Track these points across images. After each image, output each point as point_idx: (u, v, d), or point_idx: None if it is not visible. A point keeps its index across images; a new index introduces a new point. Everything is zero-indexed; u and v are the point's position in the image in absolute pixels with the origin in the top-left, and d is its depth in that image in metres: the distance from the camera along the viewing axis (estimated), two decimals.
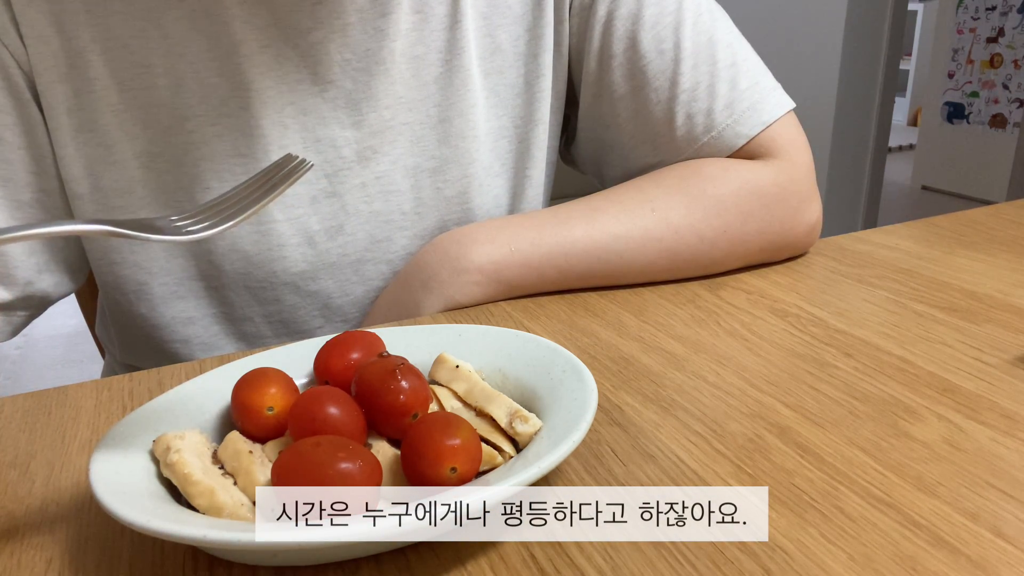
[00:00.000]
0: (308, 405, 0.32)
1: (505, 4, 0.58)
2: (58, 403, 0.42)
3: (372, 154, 0.56)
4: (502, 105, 0.59)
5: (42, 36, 0.49)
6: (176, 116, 0.51)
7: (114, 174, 0.52)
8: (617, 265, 0.54)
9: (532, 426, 0.33)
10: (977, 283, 0.53)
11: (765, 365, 0.43)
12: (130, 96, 0.51)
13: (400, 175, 0.57)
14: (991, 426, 0.36)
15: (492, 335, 0.40)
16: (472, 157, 0.58)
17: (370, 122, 0.55)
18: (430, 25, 0.55)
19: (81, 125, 0.51)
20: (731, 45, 0.58)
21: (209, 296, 0.57)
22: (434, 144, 0.57)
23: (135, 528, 0.26)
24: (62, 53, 0.49)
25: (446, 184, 0.58)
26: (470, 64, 0.57)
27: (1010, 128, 3.52)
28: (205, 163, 0.52)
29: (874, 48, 2.53)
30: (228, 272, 0.56)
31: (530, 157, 0.62)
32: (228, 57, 0.51)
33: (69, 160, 0.52)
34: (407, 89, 0.56)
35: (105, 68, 0.50)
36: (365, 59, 0.54)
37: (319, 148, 0.54)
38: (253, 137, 0.53)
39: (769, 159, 0.57)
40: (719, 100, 0.57)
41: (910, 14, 4.74)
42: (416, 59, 0.55)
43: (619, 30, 0.57)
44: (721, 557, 0.29)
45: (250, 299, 0.57)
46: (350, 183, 0.56)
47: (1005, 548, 0.28)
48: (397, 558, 0.30)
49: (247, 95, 0.52)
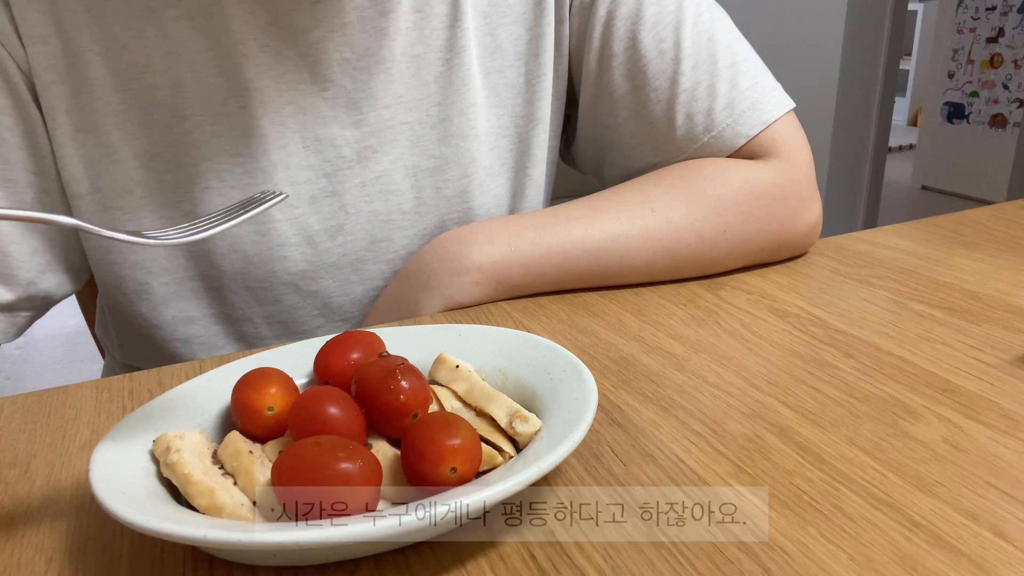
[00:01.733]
0: (308, 405, 0.32)
1: (506, 3, 0.58)
2: (58, 403, 0.42)
3: (372, 153, 0.56)
4: (502, 104, 0.59)
5: (41, 36, 0.49)
6: (175, 116, 0.51)
7: (114, 174, 0.52)
8: (617, 265, 0.54)
9: (532, 426, 0.33)
10: (977, 283, 0.53)
11: (765, 365, 0.43)
12: (129, 96, 0.51)
13: (400, 174, 0.57)
14: (991, 426, 0.36)
15: (492, 335, 0.40)
16: (472, 156, 0.58)
17: (370, 121, 0.55)
18: (430, 24, 0.55)
19: (80, 125, 0.51)
20: (731, 45, 0.58)
21: (209, 296, 0.57)
22: (434, 143, 0.57)
23: (135, 528, 0.26)
24: (61, 53, 0.49)
25: (446, 183, 0.58)
26: (470, 63, 0.57)
27: (1010, 128, 3.52)
28: (205, 163, 0.52)
29: (874, 48, 2.53)
30: (228, 272, 0.56)
31: (530, 156, 0.61)
32: (227, 56, 0.51)
33: (69, 160, 0.52)
34: (407, 88, 0.56)
35: (104, 68, 0.50)
36: (365, 58, 0.54)
37: (319, 147, 0.54)
38: (252, 137, 0.53)
39: (769, 159, 0.57)
40: (719, 100, 0.57)
41: (910, 14, 4.74)
42: (416, 58, 0.55)
43: (619, 30, 0.57)
44: (721, 557, 0.29)
45: (250, 299, 0.57)
46: (350, 182, 0.56)
47: (1005, 548, 0.28)
48: (397, 558, 0.30)
49: (246, 94, 0.52)
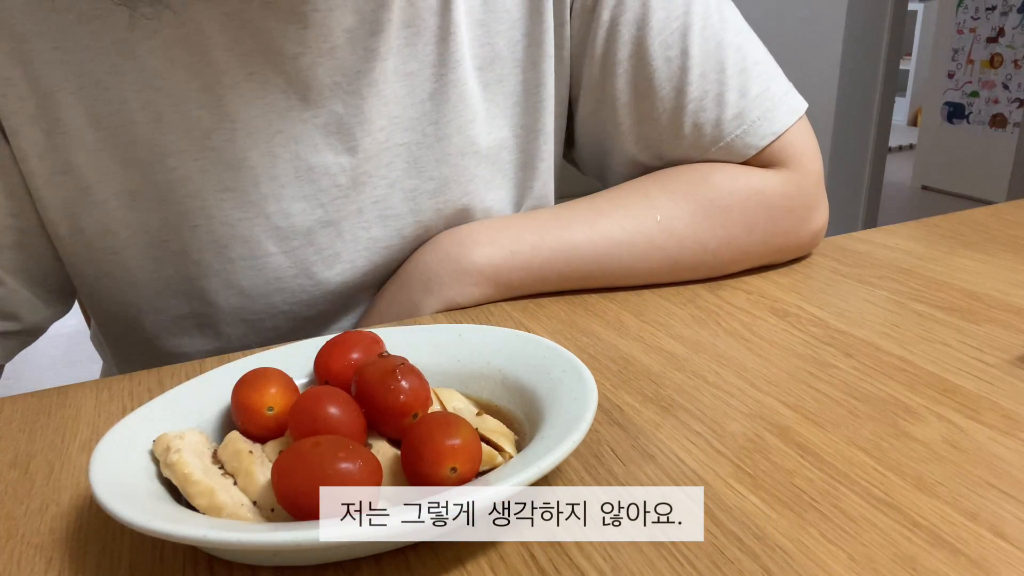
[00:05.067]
0: (308, 405, 0.32)
1: (503, 8, 0.55)
2: (58, 403, 0.42)
3: (368, 179, 0.53)
4: (502, 116, 0.57)
5: (7, 79, 0.46)
6: (156, 152, 0.49)
7: (94, 215, 0.50)
8: (618, 271, 0.53)
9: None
10: (977, 283, 0.53)
11: (765, 365, 0.43)
12: (106, 134, 0.48)
13: (398, 198, 0.54)
14: (991, 426, 0.36)
15: (492, 335, 0.40)
16: (472, 174, 0.56)
17: (364, 146, 0.52)
18: (423, 39, 0.52)
19: (55, 168, 0.49)
20: (741, 48, 0.55)
21: (203, 332, 0.55)
22: (432, 164, 0.55)
23: (135, 528, 0.26)
24: (29, 95, 0.47)
25: (446, 204, 0.56)
26: (467, 77, 0.54)
27: (1010, 128, 3.52)
28: (191, 200, 0.50)
29: (874, 48, 2.53)
30: (224, 308, 0.54)
31: (533, 168, 0.60)
32: (210, 88, 0.48)
33: (46, 203, 0.49)
34: (401, 108, 0.53)
35: (78, 106, 0.47)
36: (356, 81, 0.51)
37: (312, 176, 0.52)
38: (240, 170, 0.50)
39: (779, 168, 0.56)
40: (728, 110, 0.55)
41: (910, 14, 4.74)
42: (409, 76, 0.53)
43: (624, 36, 0.55)
44: (721, 557, 0.29)
45: (247, 330, 0.55)
46: (346, 210, 0.53)
47: (1005, 548, 0.28)
48: (397, 558, 0.30)
49: (232, 126, 0.49)
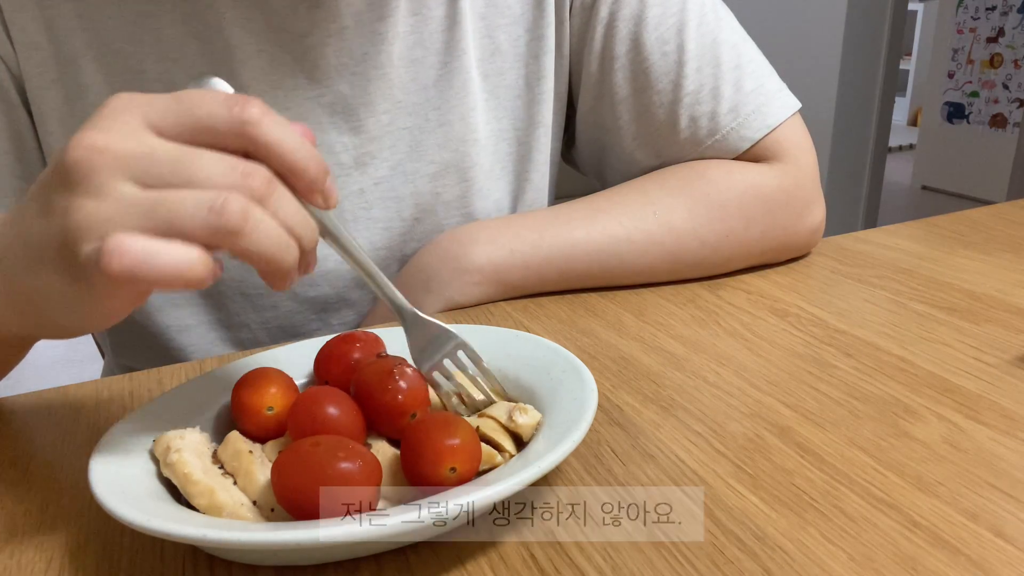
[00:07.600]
0: (308, 405, 0.32)
1: (504, 4, 0.57)
2: (58, 403, 0.42)
3: (370, 160, 0.55)
4: (502, 108, 0.59)
5: (33, 42, 0.48)
6: None
7: None
8: (618, 268, 0.54)
9: (532, 417, 0.33)
10: (977, 283, 0.53)
11: (765, 365, 0.43)
12: None
13: (399, 180, 0.56)
14: (991, 426, 0.36)
15: (492, 335, 0.40)
16: (472, 161, 0.58)
17: (368, 127, 0.54)
18: (428, 27, 0.55)
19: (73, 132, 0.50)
20: (736, 46, 0.57)
21: (205, 303, 0.57)
22: (433, 148, 0.56)
23: (135, 528, 0.26)
24: (53, 60, 0.49)
25: (446, 188, 0.57)
26: (469, 66, 0.56)
27: (1010, 128, 3.52)
28: None
29: (874, 48, 2.53)
30: (225, 279, 0.55)
31: (531, 160, 0.61)
32: (223, 62, 0.51)
33: None
34: (405, 93, 0.55)
35: (98, 74, 0.49)
36: (362, 63, 0.53)
37: None
38: None
39: (774, 162, 0.57)
40: (723, 103, 0.56)
41: (910, 14, 4.73)
42: (414, 62, 0.55)
43: (622, 31, 0.57)
44: (721, 557, 0.29)
45: (247, 306, 0.56)
46: (348, 189, 0.55)
47: (1005, 548, 0.28)
48: (397, 558, 0.30)
49: None
